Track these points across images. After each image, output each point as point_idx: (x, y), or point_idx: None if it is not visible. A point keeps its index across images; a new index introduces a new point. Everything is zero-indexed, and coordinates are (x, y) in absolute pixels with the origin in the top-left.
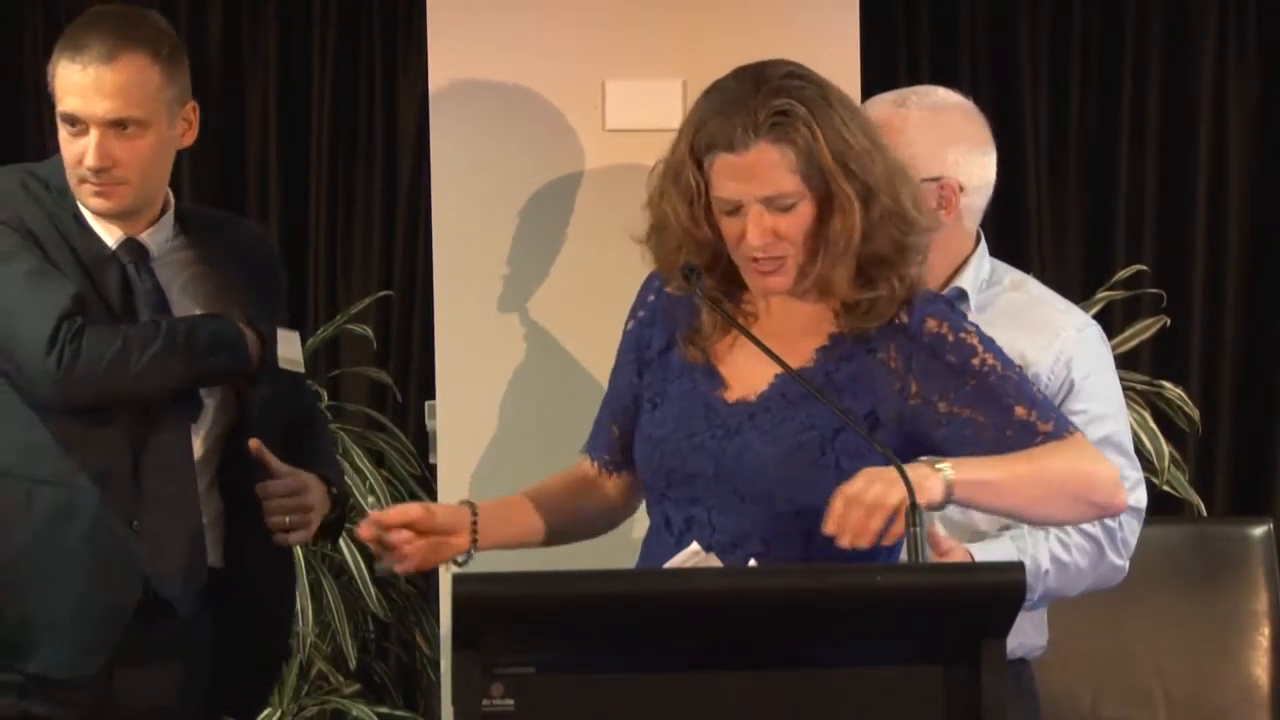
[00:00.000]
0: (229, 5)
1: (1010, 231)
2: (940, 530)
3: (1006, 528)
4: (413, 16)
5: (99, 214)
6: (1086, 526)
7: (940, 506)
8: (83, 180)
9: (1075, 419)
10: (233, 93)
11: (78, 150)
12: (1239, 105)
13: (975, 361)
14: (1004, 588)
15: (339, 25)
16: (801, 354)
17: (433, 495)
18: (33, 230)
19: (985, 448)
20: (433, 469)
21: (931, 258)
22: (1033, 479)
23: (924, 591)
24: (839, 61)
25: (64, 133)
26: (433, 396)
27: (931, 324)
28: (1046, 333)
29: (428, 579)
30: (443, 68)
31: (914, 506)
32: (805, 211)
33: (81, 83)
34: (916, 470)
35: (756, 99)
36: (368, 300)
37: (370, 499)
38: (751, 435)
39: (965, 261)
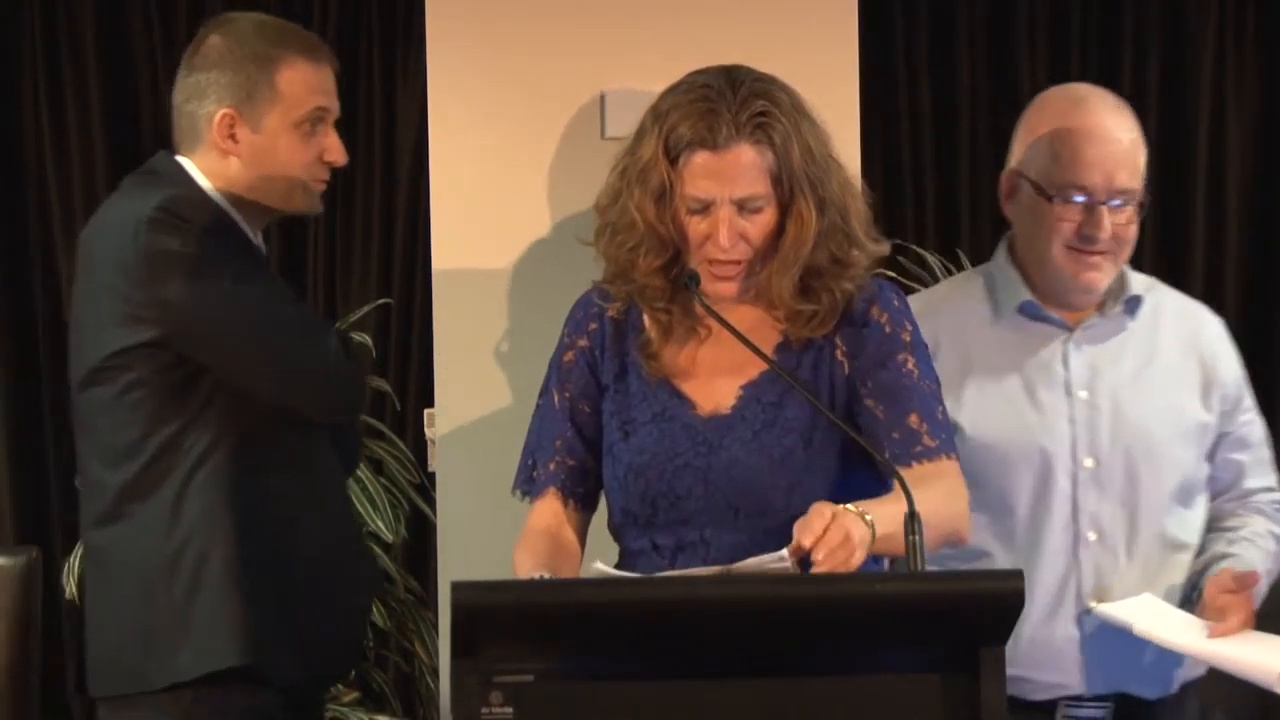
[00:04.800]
0: (228, 7)
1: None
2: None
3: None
4: (411, 25)
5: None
6: (1274, 527)
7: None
8: (318, 179)
9: (1249, 414)
10: None
11: (318, 148)
12: (1238, 106)
13: (899, 357)
14: (1002, 596)
15: (338, 35)
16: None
17: (431, 504)
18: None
19: (872, 441)
20: (432, 477)
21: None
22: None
23: (923, 599)
24: (837, 68)
25: (298, 135)
26: (432, 404)
27: (873, 311)
28: (1211, 337)
29: (426, 587)
30: (442, 76)
31: (913, 515)
32: (769, 216)
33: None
34: (851, 516)
35: (736, 99)
36: (367, 308)
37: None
38: (736, 448)
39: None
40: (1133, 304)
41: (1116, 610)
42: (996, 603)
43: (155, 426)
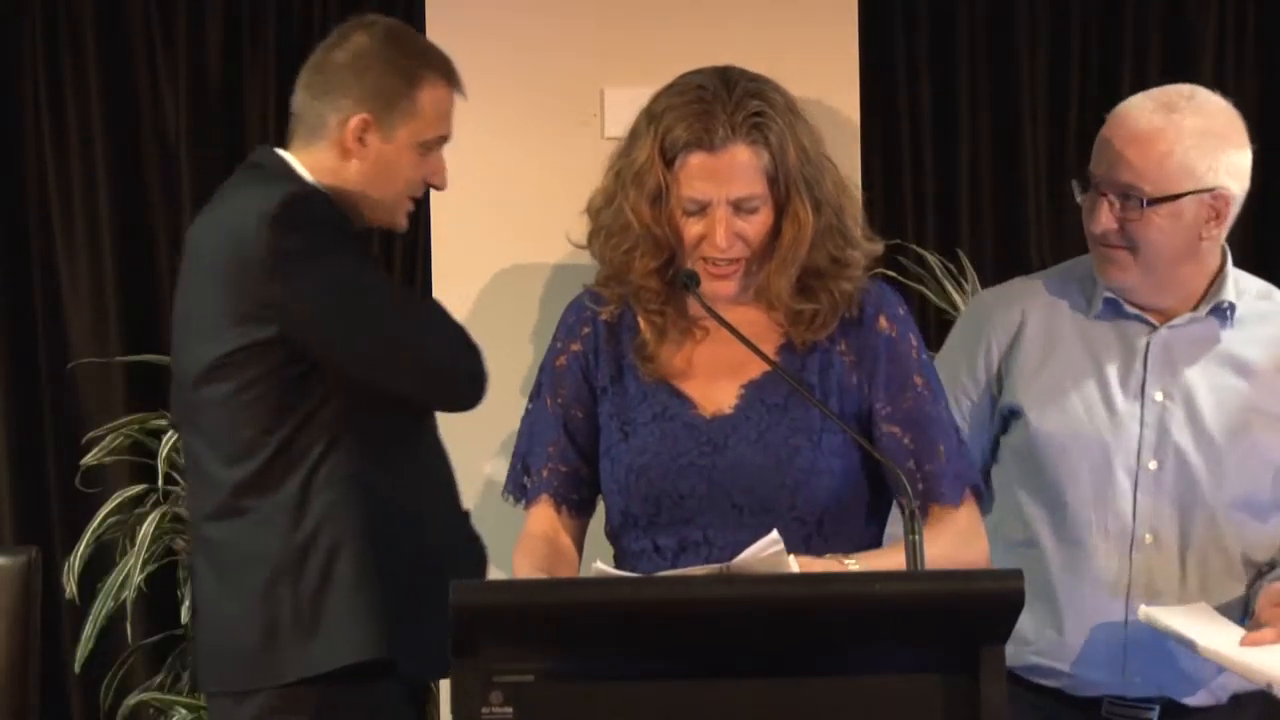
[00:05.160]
0: (228, 6)
1: (1010, 234)
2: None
3: (1273, 562)
4: (412, 24)
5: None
6: None
7: None
8: (414, 198)
9: None
10: (232, 95)
11: (428, 169)
12: (1238, 105)
13: (917, 380)
14: (1003, 595)
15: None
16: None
17: None
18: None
19: (902, 465)
20: None
21: (1191, 272)
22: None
23: (923, 599)
24: (838, 67)
25: (419, 152)
26: None
27: (883, 322)
28: None
29: None
30: None
31: (913, 515)
32: (766, 216)
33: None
34: (828, 564)
35: (731, 99)
36: None
37: None
38: (741, 447)
39: (1221, 274)
40: (1223, 309)
41: (1162, 615)
42: (997, 602)
43: (275, 422)
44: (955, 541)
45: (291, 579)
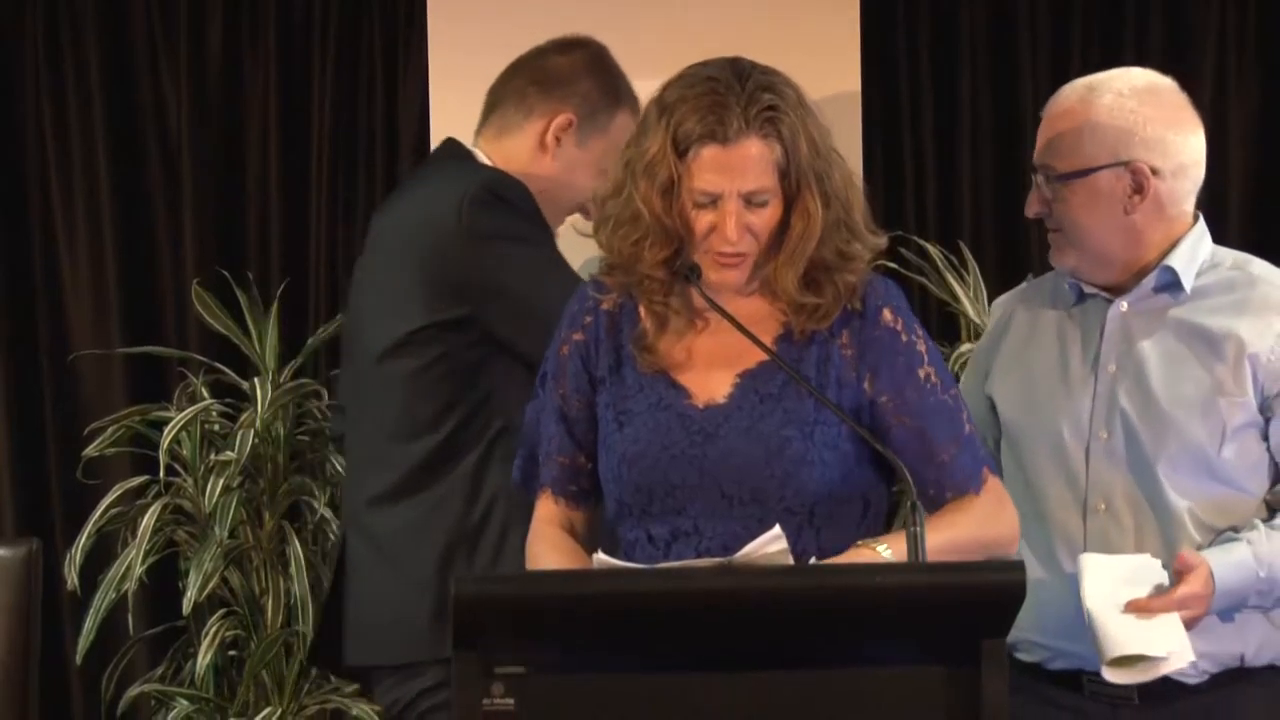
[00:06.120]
0: (229, 6)
1: (1010, 231)
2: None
3: (1234, 528)
4: (413, 19)
5: None
6: None
7: None
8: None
9: None
10: (233, 94)
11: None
12: (1239, 105)
13: (922, 373)
14: (1004, 587)
15: (339, 28)
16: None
17: None
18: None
19: (910, 462)
20: None
21: (1126, 245)
22: (951, 553)
23: (924, 591)
24: (839, 63)
25: (598, 172)
26: None
27: (887, 315)
28: (1267, 314)
29: None
30: (442, 70)
31: (914, 507)
32: (775, 210)
33: None
34: (861, 552)
35: (744, 92)
36: None
37: None
38: (733, 437)
39: (1176, 244)
40: (1168, 275)
41: (1089, 562)
42: (998, 595)
43: (457, 400)
44: (975, 523)
45: (465, 557)
